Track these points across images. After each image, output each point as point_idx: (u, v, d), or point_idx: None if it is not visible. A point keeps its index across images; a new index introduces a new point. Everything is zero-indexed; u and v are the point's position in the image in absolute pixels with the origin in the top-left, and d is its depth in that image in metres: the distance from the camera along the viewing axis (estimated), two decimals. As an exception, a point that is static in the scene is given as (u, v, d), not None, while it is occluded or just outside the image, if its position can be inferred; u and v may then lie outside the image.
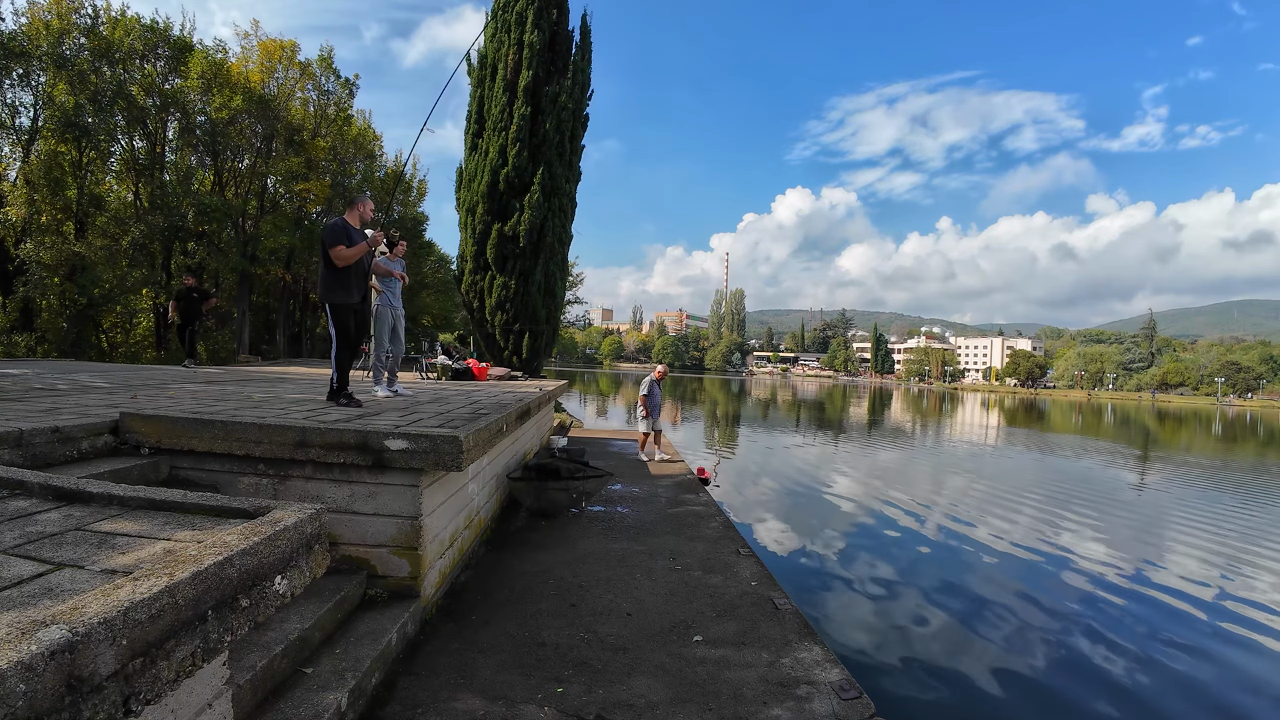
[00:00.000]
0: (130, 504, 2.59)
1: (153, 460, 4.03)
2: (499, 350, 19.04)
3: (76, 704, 1.35)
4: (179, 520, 2.42)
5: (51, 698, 1.29)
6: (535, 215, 18.09)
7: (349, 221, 5.77)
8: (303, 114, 27.78)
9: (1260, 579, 8.68)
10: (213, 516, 2.36)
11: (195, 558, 1.84)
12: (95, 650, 1.41)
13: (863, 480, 15.14)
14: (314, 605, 3.45)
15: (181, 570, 1.74)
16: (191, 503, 2.52)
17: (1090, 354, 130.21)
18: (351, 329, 5.77)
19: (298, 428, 3.97)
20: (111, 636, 1.45)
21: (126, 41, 21.47)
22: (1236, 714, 5.11)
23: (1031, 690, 5.35)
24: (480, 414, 5.43)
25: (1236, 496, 15.37)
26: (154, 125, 23.18)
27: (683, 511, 7.95)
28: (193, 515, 2.47)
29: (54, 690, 1.29)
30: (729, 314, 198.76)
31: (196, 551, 1.91)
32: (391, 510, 4.00)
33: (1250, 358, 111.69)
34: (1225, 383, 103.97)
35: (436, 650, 3.88)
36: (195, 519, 2.41)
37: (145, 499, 2.59)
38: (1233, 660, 6.09)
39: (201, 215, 22.97)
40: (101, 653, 1.42)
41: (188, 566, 1.77)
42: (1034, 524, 11.24)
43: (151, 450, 4.09)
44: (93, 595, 1.58)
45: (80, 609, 1.47)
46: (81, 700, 1.37)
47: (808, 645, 4.23)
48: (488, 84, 19.02)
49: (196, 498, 2.55)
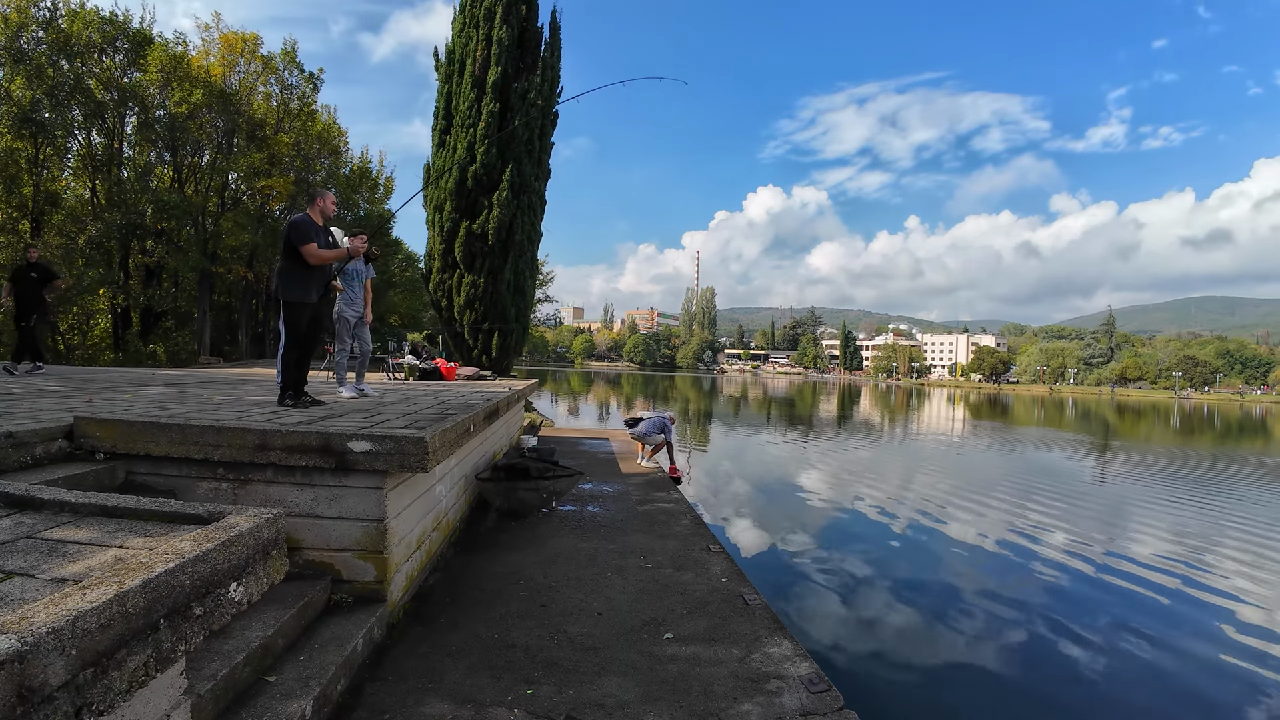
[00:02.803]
0: (82, 510, 2.52)
1: (109, 465, 3.91)
2: (468, 350, 18.87)
3: (28, 715, 1.33)
4: (131, 527, 2.35)
5: (3, 708, 1.27)
6: (504, 213, 17.96)
7: (311, 217, 5.65)
8: (265, 109, 27.26)
9: (1220, 566, 8.97)
10: (166, 523, 2.29)
11: (146, 565, 1.79)
12: (45, 660, 1.38)
13: (833, 475, 15.31)
14: (276, 612, 3.38)
15: (131, 578, 1.69)
16: (144, 509, 2.44)
17: (1052, 350, 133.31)
18: (303, 328, 5.61)
19: (258, 430, 3.88)
20: (61, 646, 1.42)
21: (85, 34, 20.90)
22: (1199, 698, 5.26)
23: (998, 678, 5.46)
24: (447, 414, 5.37)
25: (1195, 485, 15.86)
26: (112, 120, 22.59)
27: (653, 509, 7.95)
28: (145, 522, 2.40)
29: (5, 700, 1.28)
30: (700, 312, 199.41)
31: (148, 559, 1.85)
32: (356, 513, 3.92)
33: (1207, 352, 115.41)
34: (1183, 377, 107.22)
35: (404, 655, 3.83)
36: (148, 525, 2.35)
37: (97, 505, 2.52)
38: (1195, 647, 6.26)
39: (160, 212, 22.40)
40: (51, 663, 1.40)
41: (138, 574, 1.72)
42: (1000, 516, 11.47)
43: (107, 455, 3.97)
44: (41, 605, 1.54)
45: (29, 618, 1.44)
46: (33, 711, 1.34)
47: (777, 640, 4.26)
48: (455, 80, 18.81)
49: (150, 503, 2.48)
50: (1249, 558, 9.43)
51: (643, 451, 11.74)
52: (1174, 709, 5.09)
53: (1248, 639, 6.48)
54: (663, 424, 11.90)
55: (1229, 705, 5.16)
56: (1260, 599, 7.68)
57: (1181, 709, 5.09)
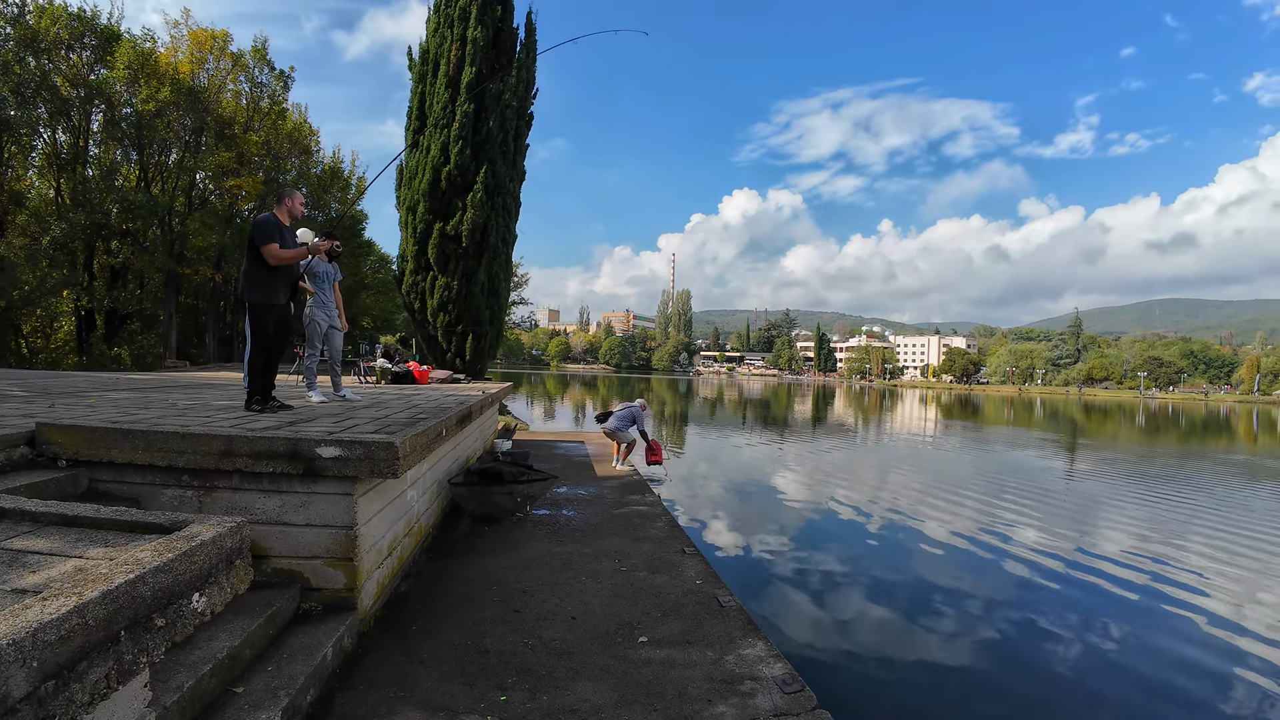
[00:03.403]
0: (42, 520, 2.46)
1: (71, 473, 3.81)
2: (441, 352, 18.71)
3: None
4: (92, 537, 2.31)
5: (-33, 720, 1.26)
6: (478, 214, 17.85)
7: (279, 217, 5.54)
8: (234, 107, 26.81)
9: (1187, 561, 9.24)
10: (127, 532, 2.25)
11: (106, 576, 1.76)
12: (7, 672, 1.38)
13: (808, 476, 15.44)
14: (244, 621, 3.32)
15: (91, 589, 1.66)
16: (105, 518, 2.40)
17: (1021, 351, 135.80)
18: (270, 331, 5.47)
19: (223, 436, 3.81)
20: (22, 658, 1.41)
21: (53, 31, 20.40)
22: (1169, 692, 5.39)
23: (970, 675, 5.55)
24: (419, 419, 5.31)
25: (1161, 482, 16.25)
26: (78, 118, 22.09)
27: (629, 512, 7.96)
28: (106, 531, 2.35)
29: (-30, 712, 1.27)
30: (676, 314, 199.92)
31: (108, 570, 1.81)
32: (325, 520, 3.87)
33: (1171, 353, 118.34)
34: (1148, 377, 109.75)
35: (375, 663, 3.79)
36: (109, 535, 2.30)
37: (58, 515, 2.47)
38: (1163, 641, 6.43)
39: (125, 212, 21.92)
40: (13, 674, 1.39)
41: (97, 585, 1.68)
42: (972, 515, 11.66)
43: (70, 462, 3.87)
44: (1, 616, 1.51)
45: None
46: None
47: (751, 641, 4.28)
48: (429, 80, 18.66)
49: (111, 512, 2.43)
50: (1214, 551, 9.72)
51: (618, 454, 11.71)
52: (1144, 702, 5.21)
53: (1216, 631, 6.70)
54: (633, 414, 11.86)
55: (1198, 698, 5.30)
56: (1226, 592, 7.93)
57: (1151, 703, 5.22)
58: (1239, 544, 10.21)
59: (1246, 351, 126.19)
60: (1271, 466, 21.14)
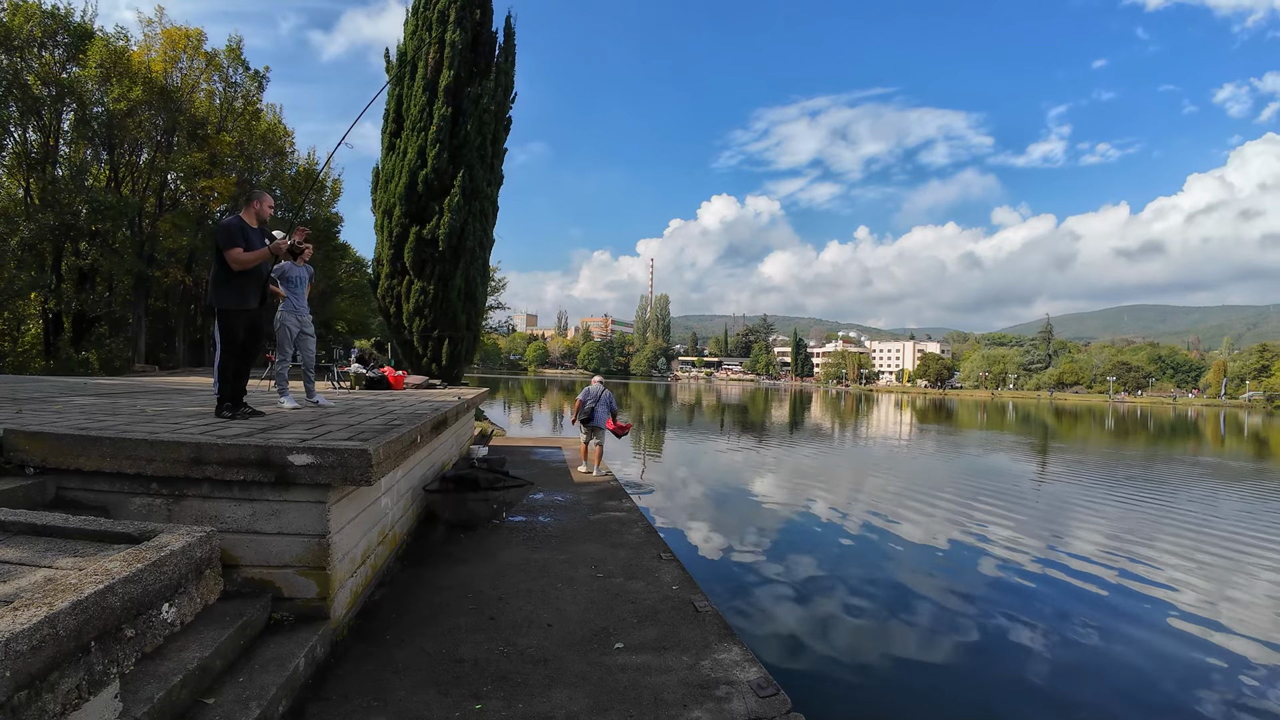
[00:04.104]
0: (11, 529, 2.42)
1: (39, 480, 3.73)
2: (417, 358, 18.56)
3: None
4: (61, 546, 2.28)
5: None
6: (455, 219, 17.75)
7: (245, 220, 5.41)
8: (208, 107, 26.44)
9: (1156, 559, 9.49)
10: (96, 542, 2.22)
11: (75, 586, 1.74)
12: None
13: (785, 480, 15.56)
14: (214, 632, 3.27)
15: (61, 599, 1.64)
16: (74, 527, 2.37)
17: (993, 356, 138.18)
18: (240, 336, 5.37)
19: (193, 444, 3.75)
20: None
21: (26, 28, 19.96)
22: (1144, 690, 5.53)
23: (944, 677, 5.64)
24: (393, 425, 5.28)
25: (1129, 483, 16.60)
26: (49, 116, 21.59)
27: (605, 518, 7.97)
28: (75, 540, 2.32)
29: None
30: (654, 319, 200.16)
31: (77, 580, 1.80)
32: (297, 528, 3.83)
33: (1139, 358, 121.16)
34: (1117, 381, 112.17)
35: (348, 673, 3.76)
36: (78, 545, 2.27)
37: (27, 524, 2.43)
38: (1136, 638, 6.59)
39: (95, 213, 21.46)
40: None
41: (67, 596, 1.67)
42: (947, 517, 11.84)
43: (37, 469, 3.79)
44: (-31, 628, 1.49)
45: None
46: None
47: (727, 646, 4.32)
48: (406, 82, 18.53)
49: (79, 522, 2.40)
50: (1183, 549, 10.02)
51: (588, 458, 11.64)
52: (1115, 702, 5.33)
53: (1185, 629, 6.89)
54: (608, 397, 11.71)
55: (1169, 699, 5.43)
56: (1194, 590, 8.16)
57: (1122, 703, 5.33)
58: (1208, 544, 10.50)
59: (1213, 356, 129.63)
60: (1237, 468, 21.70)
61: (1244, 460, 25.06)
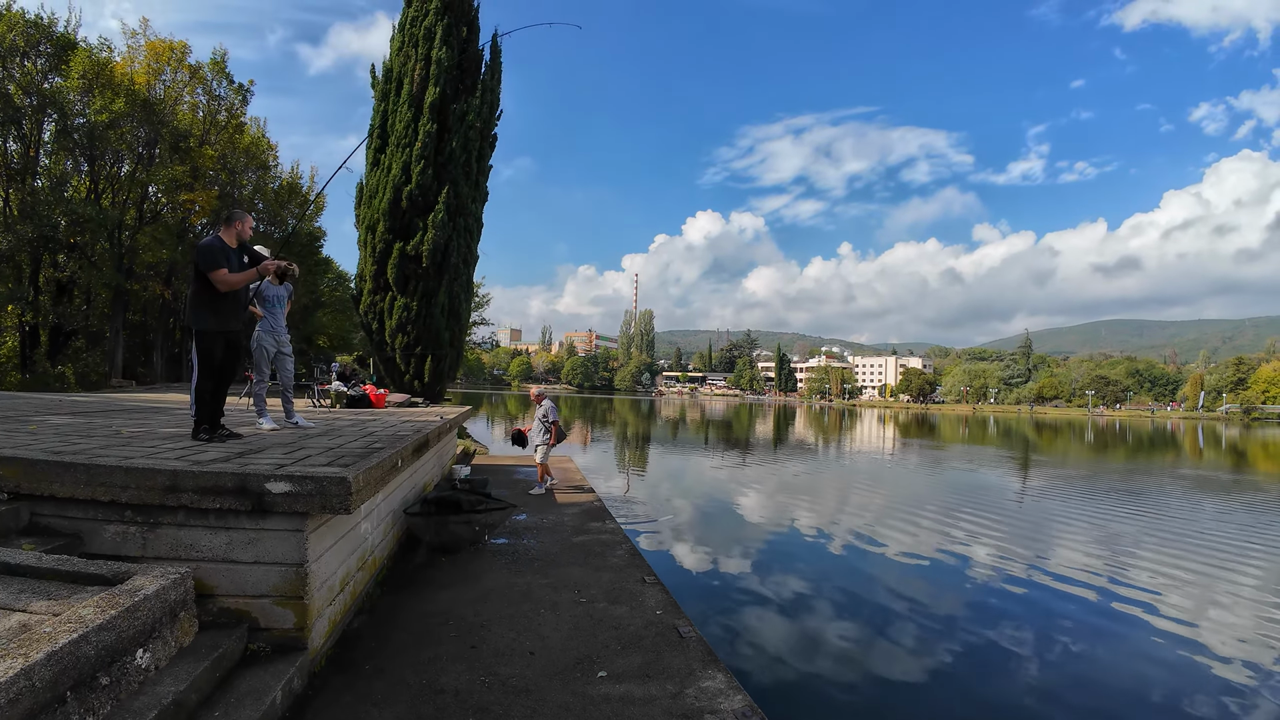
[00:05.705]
0: (-23, 568, 2.37)
1: (13, 506, 3.65)
2: (400, 374, 18.44)
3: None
4: (34, 588, 2.24)
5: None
6: (439, 235, 17.73)
7: (225, 240, 5.36)
8: (191, 119, 26.31)
9: (1138, 571, 9.62)
10: (69, 584, 2.18)
11: (50, 635, 1.71)
12: None
13: (770, 498, 15.56)
14: (189, 665, 3.21)
15: (36, 650, 1.62)
16: (47, 568, 2.33)
17: (974, 371, 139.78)
18: (218, 357, 5.32)
19: (168, 471, 3.70)
20: None
21: (9, 38, 19.80)
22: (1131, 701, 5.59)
23: (930, 696, 5.63)
24: (374, 449, 5.24)
25: (1109, 495, 16.77)
26: (29, 127, 21.35)
27: (589, 540, 7.93)
28: (48, 582, 2.28)
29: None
30: (638, 334, 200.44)
31: (51, 628, 1.77)
32: (274, 557, 3.77)
33: (1117, 372, 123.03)
34: (1095, 395, 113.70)
35: (326, 705, 3.70)
36: (51, 586, 2.23)
37: (1, 564, 2.38)
38: (1116, 651, 6.66)
39: (74, 225, 21.22)
40: None
41: (42, 646, 1.64)
42: (932, 533, 11.90)
43: (11, 495, 3.71)
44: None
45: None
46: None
47: (711, 673, 4.30)
48: (392, 98, 18.56)
49: (53, 561, 2.36)
50: (1163, 560, 10.16)
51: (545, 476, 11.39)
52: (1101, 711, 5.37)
53: (1167, 640, 6.97)
54: (547, 408, 11.36)
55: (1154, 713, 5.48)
56: (1175, 601, 8.27)
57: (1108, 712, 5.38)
58: (1189, 555, 10.66)
59: (1190, 369, 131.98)
60: (1216, 479, 21.99)
61: (1222, 472, 25.44)
